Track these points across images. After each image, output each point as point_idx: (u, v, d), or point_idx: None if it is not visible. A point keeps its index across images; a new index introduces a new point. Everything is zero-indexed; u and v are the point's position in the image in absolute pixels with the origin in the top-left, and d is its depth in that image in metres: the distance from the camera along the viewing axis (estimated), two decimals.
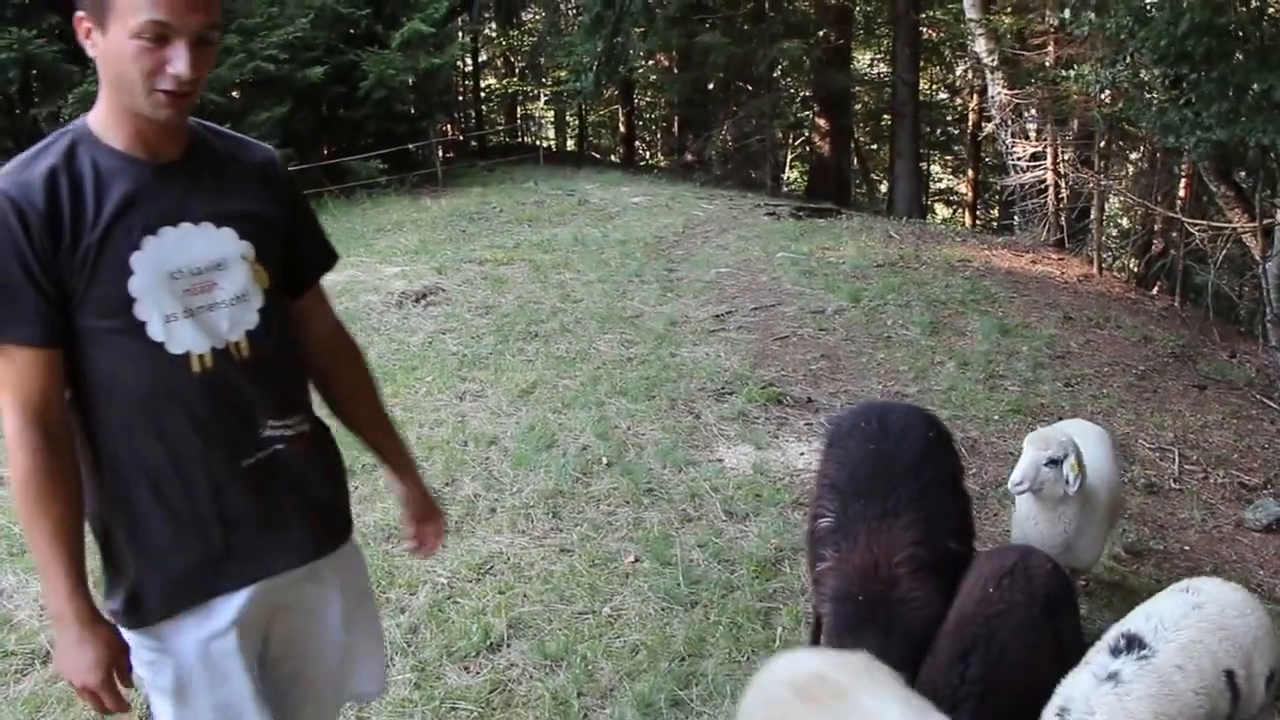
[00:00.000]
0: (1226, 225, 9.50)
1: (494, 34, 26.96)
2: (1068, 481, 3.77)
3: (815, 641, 3.93)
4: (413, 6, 17.71)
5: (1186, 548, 5.23)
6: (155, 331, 1.93)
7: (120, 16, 1.81)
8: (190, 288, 1.96)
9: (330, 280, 2.35)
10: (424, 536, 2.52)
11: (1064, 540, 3.94)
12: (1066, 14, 9.64)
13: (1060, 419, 6.54)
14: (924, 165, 24.51)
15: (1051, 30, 12.23)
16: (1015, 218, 14.89)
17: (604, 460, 5.88)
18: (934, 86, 27.34)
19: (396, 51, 16.98)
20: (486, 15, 23.69)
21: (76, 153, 1.91)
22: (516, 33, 27.76)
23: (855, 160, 25.63)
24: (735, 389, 7.01)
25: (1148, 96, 8.93)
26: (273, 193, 2.14)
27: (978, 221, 22.99)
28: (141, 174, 1.94)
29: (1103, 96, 10.57)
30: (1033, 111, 13.23)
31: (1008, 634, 3.07)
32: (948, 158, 28.86)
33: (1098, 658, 2.88)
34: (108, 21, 1.83)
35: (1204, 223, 10.08)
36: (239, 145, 2.15)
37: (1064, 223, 12.74)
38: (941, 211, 27.40)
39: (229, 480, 2.02)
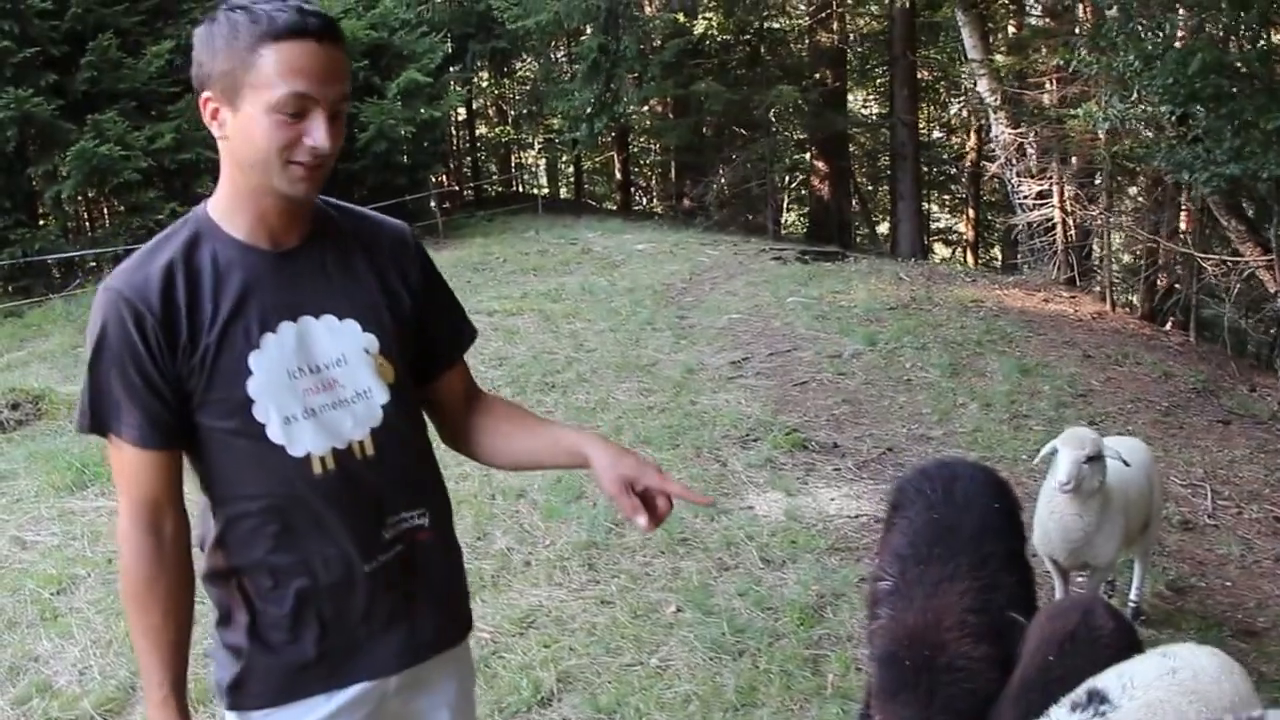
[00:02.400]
0: (1239, 259, 9.55)
1: (486, 83, 27.14)
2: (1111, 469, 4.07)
3: (870, 696, 3.91)
4: (408, 57, 17.82)
5: (1228, 584, 5.21)
6: (275, 434, 1.85)
7: (256, 92, 1.74)
8: (311, 387, 1.89)
9: None
10: (647, 483, 1.97)
11: (1084, 536, 4.17)
12: (1079, 53, 9.68)
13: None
14: (924, 205, 24.58)
15: (1054, 70, 12.34)
16: (1018, 256, 14.99)
17: None
18: (929, 126, 27.50)
19: (395, 103, 17.08)
20: (480, 64, 23.85)
21: (196, 245, 1.86)
22: (509, 81, 27.95)
23: (856, 202, 25.74)
24: (760, 436, 7.00)
25: (1157, 135, 9.00)
26: (402, 275, 2.03)
27: (979, 261, 23.05)
28: (261, 265, 1.87)
29: (1108, 134, 10.62)
30: (1031, 150, 13.29)
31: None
32: (945, 197, 29.00)
33: (1055, 711, 2.81)
34: (240, 99, 1.76)
35: (1217, 257, 10.14)
36: (367, 223, 2.06)
37: (1073, 261, 12.78)
38: (941, 251, 27.48)
39: (351, 581, 1.94)
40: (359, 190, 17.36)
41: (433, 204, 19.49)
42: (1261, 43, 8.20)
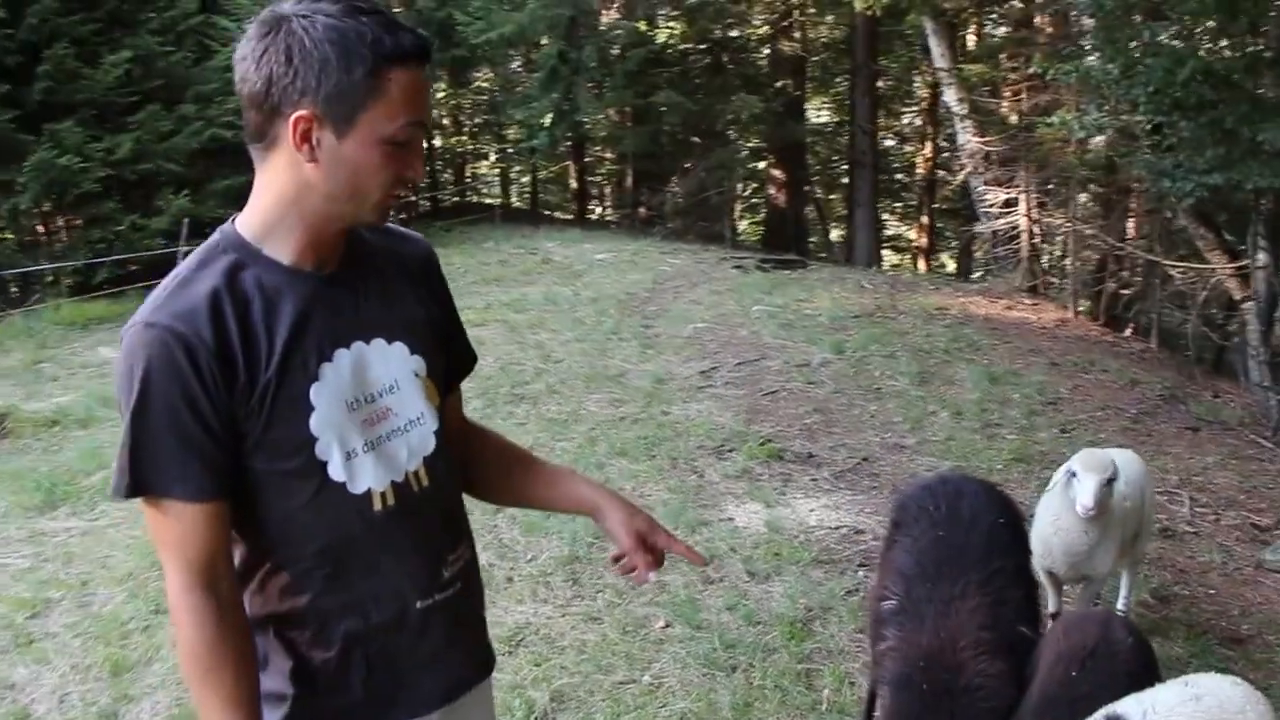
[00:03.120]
0: (1205, 267, 9.66)
1: (443, 93, 26.98)
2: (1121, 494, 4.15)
3: (869, 714, 3.89)
4: None
5: (1211, 591, 5.25)
6: (336, 471, 1.73)
7: (376, 122, 1.62)
8: (368, 417, 1.77)
9: None
10: (653, 542, 2.01)
11: (1086, 549, 4.19)
12: (1055, 62, 9.76)
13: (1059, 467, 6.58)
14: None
15: (1025, 78, 12.45)
16: (976, 263, 15.10)
17: None
18: (882, 134, 27.69)
19: None
20: (438, 74, 23.72)
21: (237, 270, 1.69)
22: (465, 91, 27.81)
23: (813, 210, 25.87)
24: (735, 446, 6.97)
25: (1131, 144, 9.08)
26: (431, 292, 1.95)
27: (931, 268, 23.23)
28: (310, 290, 1.73)
29: (1095, 141, 10.70)
30: (993, 158, 13.41)
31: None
32: (897, 204, 29.20)
33: None
34: (354, 126, 1.62)
35: (1184, 265, 10.25)
36: (397, 239, 1.94)
37: (1037, 268, 12.90)
38: (890, 258, 27.65)
39: (402, 620, 1.84)
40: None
41: (390, 215, 19.30)
42: (1249, 50, 8.26)
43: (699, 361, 9.29)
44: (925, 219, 23.74)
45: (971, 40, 19.10)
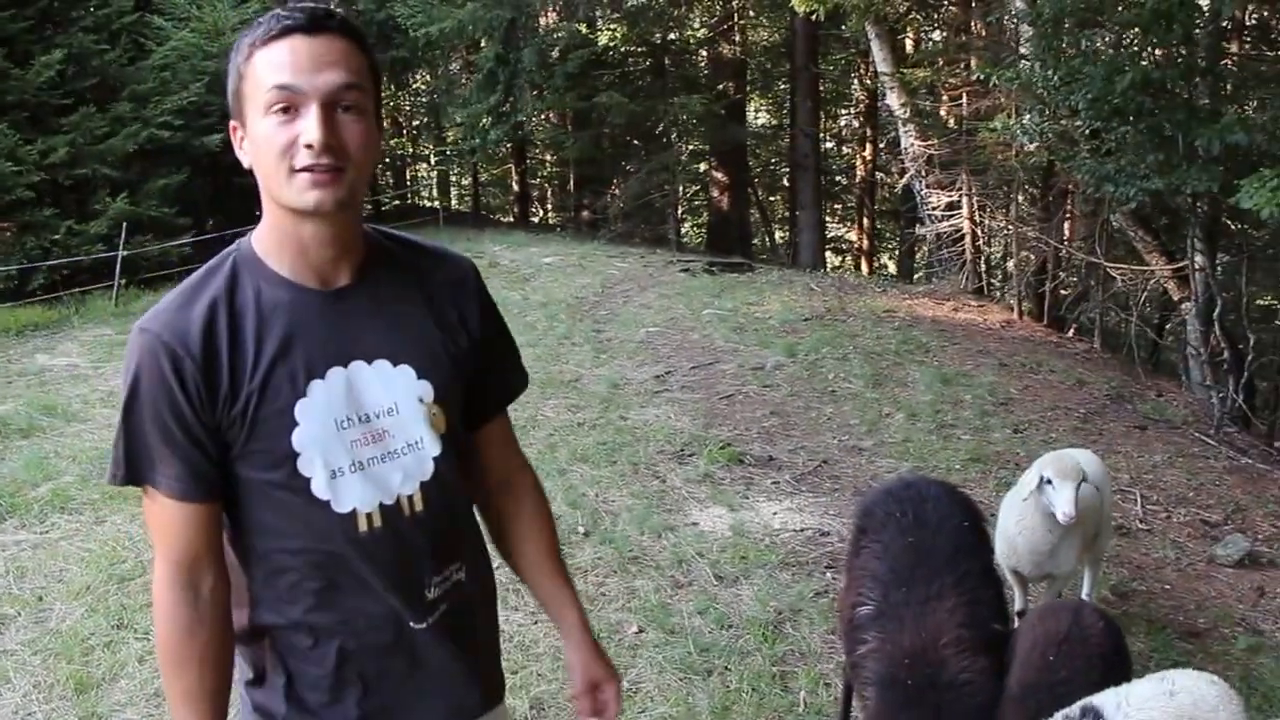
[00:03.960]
0: (1145, 268, 9.87)
1: (384, 95, 26.77)
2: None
3: (845, 715, 3.95)
4: None
5: (1167, 586, 5.37)
6: (320, 489, 1.72)
7: (252, 100, 1.64)
8: (359, 438, 1.75)
9: None
10: (603, 706, 2.09)
11: (1050, 549, 4.29)
12: (1000, 68, 9.90)
13: (1018, 465, 6.69)
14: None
15: (967, 83, 12.63)
16: (922, 265, 15.27)
17: (581, 530, 5.80)
18: (821, 136, 27.91)
19: None
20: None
21: (239, 282, 1.72)
22: (404, 93, 27.63)
23: (757, 213, 26.01)
24: (695, 450, 7.01)
25: (1071, 149, 9.26)
26: (461, 316, 1.89)
27: (872, 269, 23.46)
28: (307, 305, 1.73)
29: (1030, 146, 10.87)
30: (935, 162, 13.56)
31: (1072, 700, 3.07)
32: (836, 206, 29.46)
33: None
34: (245, 110, 1.67)
35: (1124, 266, 10.46)
36: (429, 259, 1.90)
37: (982, 270, 13.08)
38: (832, 260, 27.89)
39: (397, 640, 1.83)
40: (260, 207, 16.94)
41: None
42: (1181, 61, 8.47)
43: (653, 366, 9.32)
44: (866, 221, 23.95)
45: (910, 45, 19.31)
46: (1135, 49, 8.82)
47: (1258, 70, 11.89)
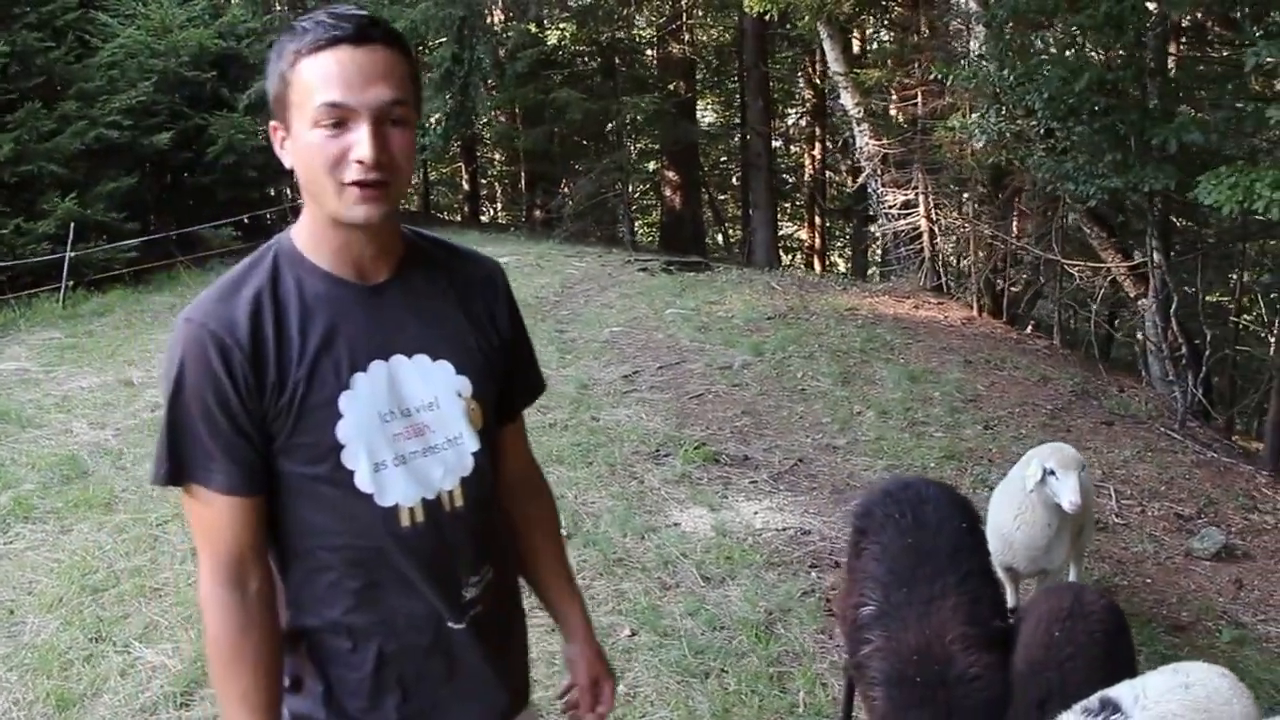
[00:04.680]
0: (1101, 265, 10.00)
1: None
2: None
3: (847, 713, 3.95)
4: (257, 68, 17.19)
5: (1148, 580, 5.43)
6: (363, 482, 1.72)
7: (300, 109, 1.64)
8: (402, 431, 1.76)
9: None
10: (603, 701, 2.16)
11: (1045, 544, 4.35)
12: (960, 67, 9.98)
13: (992, 462, 6.75)
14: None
15: (922, 82, 12.72)
16: (866, 263, 15.34)
17: (564, 532, 5.73)
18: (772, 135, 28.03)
19: (245, 115, 16.51)
20: None
21: (281, 274, 1.73)
22: None
23: (709, 211, 26.05)
24: (670, 451, 6.97)
25: (1027, 147, 9.37)
26: (494, 315, 1.92)
27: (825, 267, 23.58)
28: (349, 299, 1.75)
29: (978, 145, 10.99)
30: (890, 160, 13.64)
31: (1079, 676, 3.12)
32: (786, 205, 29.59)
33: (1070, 718, 2.90)
34: (290, 117, 1.67)
35: (1081, 263, 10.59)
36: (460, 258, 1.93)
37: (940, 268, 13.18)
38: (784, 259, 28.01)
39: (436, 641, 1.82)
40: (211, 206, 16.73)
41: (288, 219, 18.96)
42: (1132, 64, 8.59)
43: (619, 366, 9.27)
44: (817, 219, 24.08)
45: (858, 46, 19.42)
46: (1089, 51, 8.96)
47: (1197, 71, 12.12)
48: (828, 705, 4.17)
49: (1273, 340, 13.41)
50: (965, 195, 12.91)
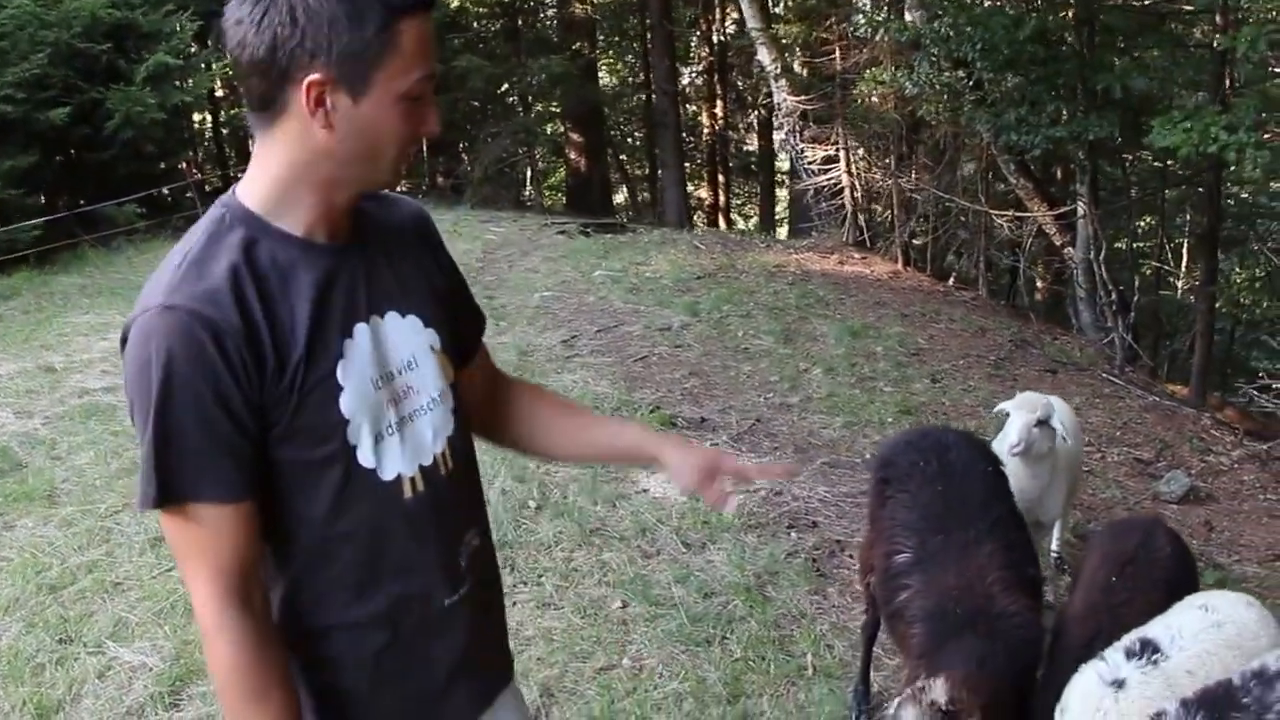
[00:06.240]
0: (1028, 215, 10.13)
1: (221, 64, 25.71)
2: (1060, 435, 4.25)
3: (865, 671, 3.93)
4: (154, 38, 16.52)
5: None
6: (365, 456, 1.60)
7: (391, 79, 1.50)
8: (390, 396, 1.64)
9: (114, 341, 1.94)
10: (728, 469, 1.96)
11: (1039, 495, 4.37)
12: (863, 20, 9.99)
13: (946, 416, 6.78)
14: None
15: (839, 37, 12.72)
16: (774, 220, 15.32)
17: (532, 504, 5.64)
18: None
19: (143, 88, 15.85)
20: (223, 44, 22.59)
21: (253, 246, 1.55)
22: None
23: (616, 173, 25.88)
24: (624, 415, 6.88)
25: (954, 99, 9.42)
26: (434, 258, 1.82)
27: (730, 225, 23.62)
28: (324, 262, 1.60)
29: (910, 93, 10.99)
30: (810, 116, 13.63)
31: (1134, 621, 3.13)
32: (686, 165, 29.54)
33: (1113, 656, 2.94)
34: (369, 86, 1.49)
35: (1009, 213, 10.72)
36: (389, 204, 1.79)
37: (862, 223, 13.24)
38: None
39: (432, 620, 1.72)
40: (112, 182, 16.06)
41: (190, 194, 18.31)
42: (1070, 12, 8.68)
43: (555, 331, 9.14)
44: (721, 178, 24.08)
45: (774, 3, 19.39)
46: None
47: (1128, 20, 12.30)
48: (836, 667, 4.15)
49: (1181, 286, 13.81)
50: (886, 149, 12.96)
